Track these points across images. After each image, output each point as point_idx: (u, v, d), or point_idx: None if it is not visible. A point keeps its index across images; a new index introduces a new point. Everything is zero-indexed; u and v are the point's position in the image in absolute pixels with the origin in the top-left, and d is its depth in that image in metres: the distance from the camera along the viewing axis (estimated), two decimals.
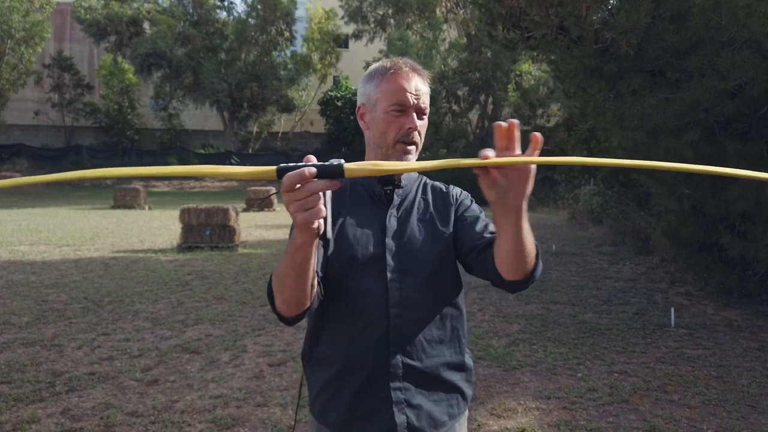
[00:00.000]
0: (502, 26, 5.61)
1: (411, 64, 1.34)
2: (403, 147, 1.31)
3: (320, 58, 33.73)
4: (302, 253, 1.03)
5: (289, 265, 1.08)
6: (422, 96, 1.32)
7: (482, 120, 26.61)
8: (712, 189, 5.63)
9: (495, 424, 3.30)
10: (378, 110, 1.32)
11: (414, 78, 1.32)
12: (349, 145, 33.41)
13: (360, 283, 1.29)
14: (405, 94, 1.30)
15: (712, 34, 4.54)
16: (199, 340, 4.83)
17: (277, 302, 1.21)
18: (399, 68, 1.32)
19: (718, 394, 3.74)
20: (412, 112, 1.31)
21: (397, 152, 1.31)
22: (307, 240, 0.99)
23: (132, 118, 34.92)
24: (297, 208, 0.91)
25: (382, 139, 1.32)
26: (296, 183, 0.89)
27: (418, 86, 1.32)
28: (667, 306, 5.98)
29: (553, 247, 10.60)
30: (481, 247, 1.28)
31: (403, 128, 1.30)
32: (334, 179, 0.91)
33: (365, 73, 1.40)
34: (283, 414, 3.40)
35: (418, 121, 1.32)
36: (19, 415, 3.33)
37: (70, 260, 8.85)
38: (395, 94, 1.30)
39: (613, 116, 5.35)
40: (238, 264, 8.76)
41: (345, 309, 1.31)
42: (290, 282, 1.11)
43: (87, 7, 31.92)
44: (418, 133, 1.32)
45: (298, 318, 1.22)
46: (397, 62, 1.34)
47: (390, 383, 1.28)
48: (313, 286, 1.17)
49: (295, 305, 1.17)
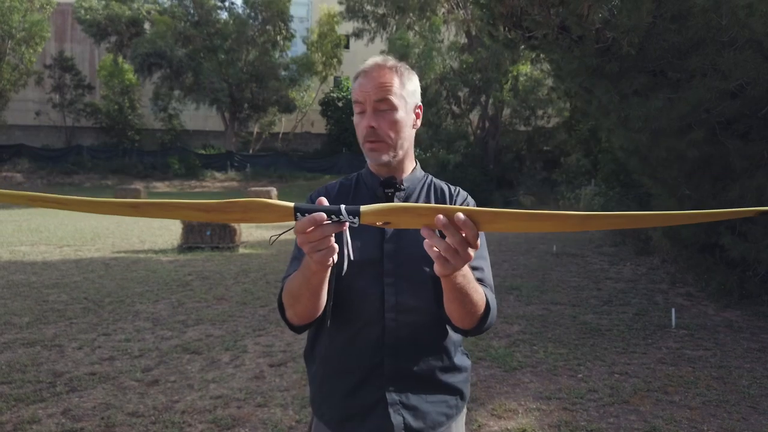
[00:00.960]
0: (503, 26, 5.62)
1: (376, 62, 1.30)
2: (369, 146, 1.30)
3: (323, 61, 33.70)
4: (318, 278, 1.11)
5: (304, 287, 1.15)
6: (382, 91, 1.26)
7: (483, 121, 26.58)
8: (713, 190, 5.62)
9: (495, 425, 3.30)
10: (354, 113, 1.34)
11: (374, 74, 1.28)
12: (350, 146, 33.41)
13: (357, 286, 1.30)
14: (358, 92, 1.29)
15: (713, 33, 4.54)
16: (199, 341, 4.83)
17: (288, 314, 1.27)
18: (362, 69, 1.31)
19: (718, 395, 3.74)
20: (368, 110, 1.28)
21: (367, 151, 1.32)
22: (321, 270, 1.06)
23: (132, 119, 34.88)
24: (311, 249, 0.96)
25: (358, 140, 1.34)
26: (308, 227, 0.92)
27: (378, 82, 1.27)
28: (667, 307, 5.98)
29: (553, 247, 10.60)
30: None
31: (364, 128, 1.29)
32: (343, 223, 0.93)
33: None
34: (283, 414, 3.40)
35: (378, 119, 1.27)
36: (19, 416, 3.33)
37: (71, 260, 8.85)
38: (353, 93, 1.31)
39: (617, 117, 5.35)
40: (239, 264, 8.76)
41: (342, 310, 1.32)
42: (305, 300, 1.18)
43: (87, 8, 31.92)
44: (382, 131, 1.27)
45: (307, 326, 1.29)
46: (367, 61, 1.33)
47: (384, 385, 1.29)
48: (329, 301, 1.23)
49: (307, 317, 1.24)
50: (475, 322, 1.20)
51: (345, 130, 33.99)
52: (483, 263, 1.33)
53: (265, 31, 33.01)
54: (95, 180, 30.51)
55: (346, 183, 1.44)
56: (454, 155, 22.90)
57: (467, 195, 1.44)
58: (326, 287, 1.17)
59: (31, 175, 30.05)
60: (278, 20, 32.79)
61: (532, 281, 7.59)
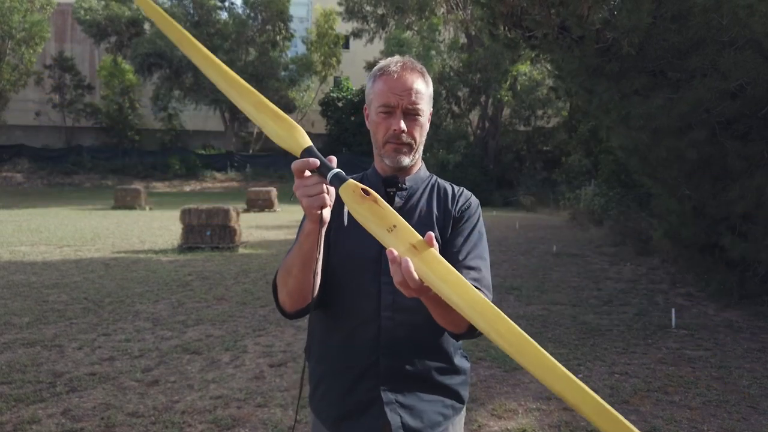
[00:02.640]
0: (504, 25, 5.62)
1: (404, 63, 1.31)
2: (392, 147, 1.30)
3: (322, 61, 33.69)
4: (309, 241, 1.12)
5: (296, 254, 1.17)
6: (413, 95, 1.28)
7: (482, 121, 26.59)
8: (713, 190, 5.62)
9: (495, 425, 3.30)
10: (372, 111, 1.33)
11: (405, 78, 1.29)
12: (350, 146, 33.39)
13: (355, 284, 1.30)
14: (388, 94, 1.28)
15: (713, 34, 4.54)
16: (199, 341, 4.83)
17: (281, 296, 1.27)
18: (387, 68, 1.31)
19: (718, 395, 3.74)
20: (399, 113, 1.28)
21: (387, 152, 1.31)
22: (314, 227, 1.08)
23: (132, 119, 34.88)
24: (302, 193, 1.03)
25: (374, 139, 1.33)
26: (302, 169, 1.01)
27: (409, 86, 1.28)
28: (667, 307, 5.98)
29: (554, 247, 10.60)
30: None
31: (390, 130, 1.29)
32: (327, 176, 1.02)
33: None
34: (283, 414, 3.40)
35: (407, 122, 1.29)
36: (19, 416, 3.33)
37: (71, 261, 8.85)
38: (383, 94, 1.29)
39: (618, 116, 5.35)
40: (239, 264, 8.75)
41: (340, 308, 1.33)
42: (296, 272, 1.18)
43: (87, 8, 31.92)
44: (409, 135, 1.29)
45: (299, 313, 1.28)
46: (390, 62, 1.32)
47: (380, 384, 1.28)
48: (316, 283, 1.21)
49: (298, 297, 1.24)
50: (465, 327, 1.17)
51: (345, 131, 33.96)
52: (481, 263, 1.32)
53: (265, 32, 33.03)
54: (95, 180, 30.52)
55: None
56: (453, 155, 22.91)
57: (470, 195, 1.43)
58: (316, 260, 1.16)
59: (31, 175, 30.06)
60: (278, 20, 32.81)
61: (532, 281, 7.59)
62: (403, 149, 1.30)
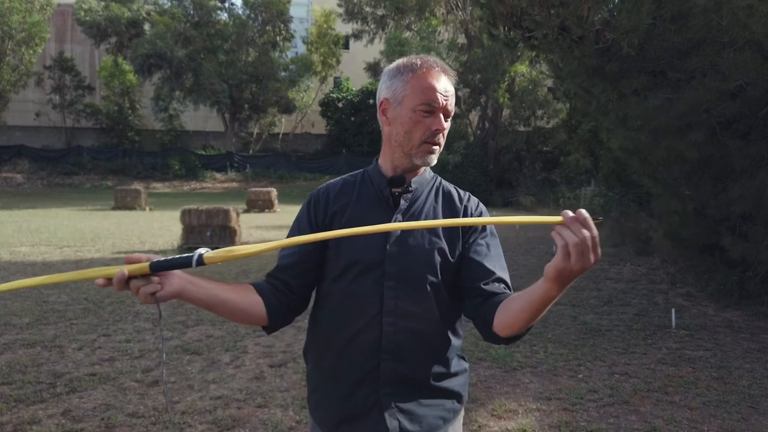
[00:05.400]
0: (503, 25, 5.62)
1: (441, 64, 1.31)
2: (428, 147, 1.29)
3: (322, 61, 33.70)
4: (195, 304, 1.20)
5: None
6: (450, 98, 1.30)
7: (482, 121, 26.59)
8: (713, 190, 5.62)
9: (495, 425, 3.30)
10: (404, 107, 1.28)
11: (443, 78, 1.29)
12: (350, 147, 33.40)
13: (357, 288, 1.28)
14: (435, 93, 1.26)
15: (713, 34, 4.54)
16: (199, 341, 4.83)
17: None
18: (431, 67, 1.29)
19: (718, 395, 3.74)
20: (440, 113, 1.28)
21: (422, 152, 1.29)
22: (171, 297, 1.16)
23: (133, 120, 34.90)
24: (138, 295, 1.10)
25: (406, 137, 1.29)
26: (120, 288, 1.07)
27: (447, 87, 1.29)
28: (667, 307, 5.98)
29: (553, 248, 10.59)
30: (485, 297, 1.27)
31: (430, 129, 1.27)
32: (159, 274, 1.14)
33: (391, 66, 1.35)
34: (283, 415, 3.40)
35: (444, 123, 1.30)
36: (19, 416, 3.33)
37: (71, 261, 8.85)
38: (426, 92, 1.26)
39: (616, 116, 5.35)
40: (239, 265, 8.75)
41: (341, 312, 1.31)
42: (217, 312, 1.24)
43: (87, 9, 31.93)
44: (442, 135, 1.30)
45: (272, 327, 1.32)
46: (428, 60, 1.31)
47: (379, 388, 1.27)
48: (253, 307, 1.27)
49: (247, 322, 1.30)
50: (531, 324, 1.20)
51: (345, 131, 33.97)
52: (505, 274, 1.34)
53: (265, 32, 33.05)
54: (95, 181, 30.52)
55: (349, 180, 1.41)
56: (453, 155, 22.90)
57: (478, 202, 1.41)
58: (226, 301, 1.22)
59: (31, 176, 30.06)
60: (278, 21, 32.84)
61: (532, 281, 7.55)
62: (436, 149, 1.30)
